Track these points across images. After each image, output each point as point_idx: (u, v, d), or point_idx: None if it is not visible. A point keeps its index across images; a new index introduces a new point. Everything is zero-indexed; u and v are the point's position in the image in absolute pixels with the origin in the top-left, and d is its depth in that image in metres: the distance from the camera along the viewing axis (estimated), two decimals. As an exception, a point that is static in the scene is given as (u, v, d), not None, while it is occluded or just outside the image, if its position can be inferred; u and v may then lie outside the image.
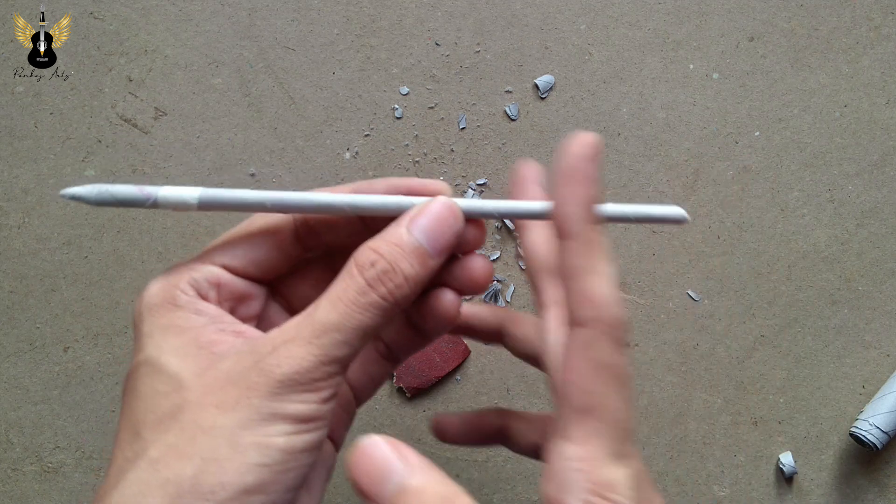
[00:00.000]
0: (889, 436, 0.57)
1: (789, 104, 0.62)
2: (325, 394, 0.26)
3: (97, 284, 0.59)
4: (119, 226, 0.60)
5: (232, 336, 0.27)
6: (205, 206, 0.28)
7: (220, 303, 0.30)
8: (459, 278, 0.31)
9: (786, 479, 0.60)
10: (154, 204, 0.28)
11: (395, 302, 0.27)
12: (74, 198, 0.28)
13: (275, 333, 0.27)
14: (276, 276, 0.32)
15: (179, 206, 0.28)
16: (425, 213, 0.28)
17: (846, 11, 0.62)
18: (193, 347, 0.27)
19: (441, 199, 0.29)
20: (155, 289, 0.29)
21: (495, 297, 0.60)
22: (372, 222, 0.31)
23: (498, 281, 0.60)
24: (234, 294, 0.30)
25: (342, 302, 0.26)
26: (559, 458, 0.24)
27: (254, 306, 0.32)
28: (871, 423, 0.57)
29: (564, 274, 0.26)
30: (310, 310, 0.27)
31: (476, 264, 0.31)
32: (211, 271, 0.30)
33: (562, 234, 0.26)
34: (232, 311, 0.30)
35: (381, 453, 0.24)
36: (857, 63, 0.62)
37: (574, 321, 0.25)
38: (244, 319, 0.30)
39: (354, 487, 0.24)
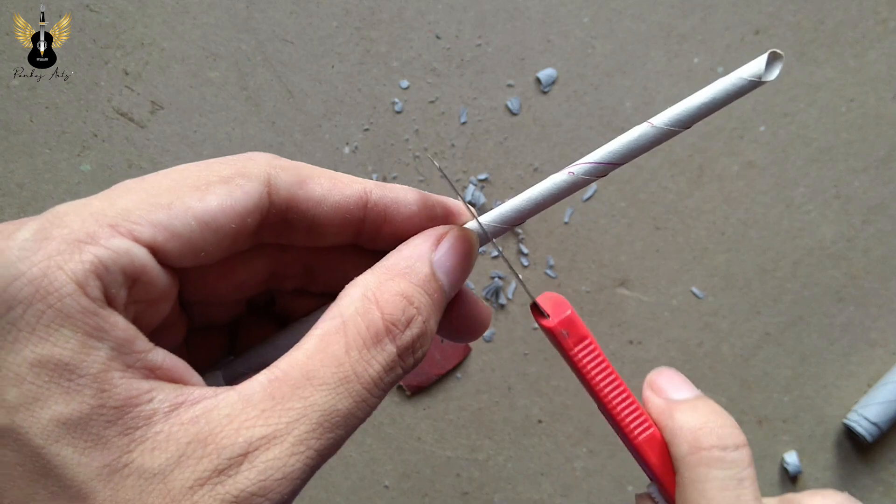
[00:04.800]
0: (879, 427, 0.57)
1: (795, 99, 0.61)
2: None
3: (93, 281, 0.59)
4: (115, 221, 0.59)
5: (142, 378, 0.18)
6: None
7: (126, 308, 0.19)
8: (462, 318, 0.26)
9: (790, 478, 0.60)
10: None
11: (405, 374, 0.21)
12: None
13: (242, 417, 0.18)
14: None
15: None
16: (451, 251, 0.23)
17: (853, 5, 0.61)
18: (100, 423, 0.17)
19: (465, 230, 0.24)
20: (26, 269, 0.16)
21: (496, 293, 0.59)
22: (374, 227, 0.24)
23: (499, 278, 0.59)
24: (148, 295, 0.19)
25: (362, 383, 0.19)
26: None
27: (162, 311, 0.21)
28: (859, 414, 0.58)
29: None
30: (299, 382, 0.18)
31: (482, 308, 0.26)
32: (134, 255, 0.18)
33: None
34: (134, 320, 0.19)
35: (680, 376, 0.27)
36: (864, 57, 0.61)
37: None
38: (150, 333, 0.19)
39: (651, 382, 0.28)
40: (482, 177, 0.59)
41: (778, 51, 0.22)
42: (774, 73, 0.22)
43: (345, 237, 0.24)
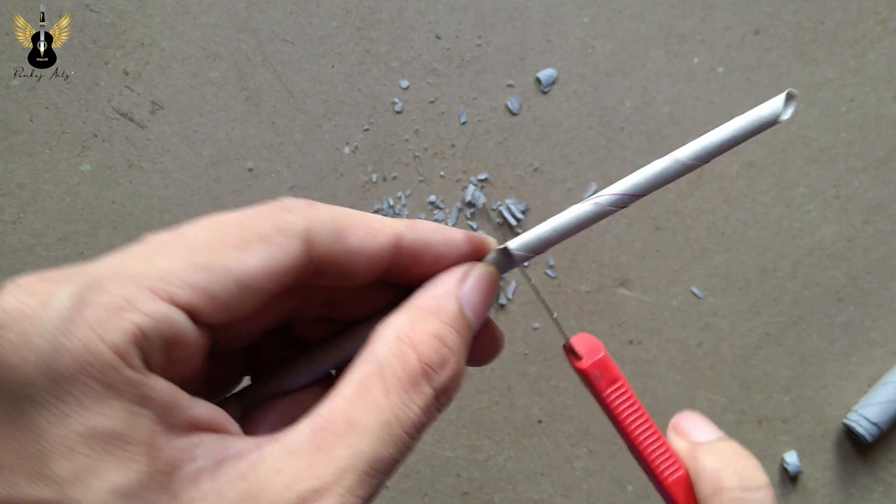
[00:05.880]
0: (879, 427, 0.57)
1: (795, 99, 0.61)
2: None
3: (93, 281, 0.59)
4: (115, 221, 0.59)
5: (182, 435, 0.18)
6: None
7: (162, 370, 0.18)
8: (479, 342, 0.26)
9: (790, 478, 0.60)
10: None
11: (439, 415, 0.22)
12: None
13: (290, 470, 0.18)
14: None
15: None
16: (476, 288, 0.23)
17: (853, 5, 0.61)
18: (153, 490, 0.16)
19: (488, 266, 0.24)
20: (67, 343, 0.16)
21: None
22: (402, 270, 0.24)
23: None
24: (183, 354, 0.19)
25: (403, 427, 0.19)
26: None
27: (193, 364, 0.20)
28: (859, 414, 0.58)
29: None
30: (343, 431, 0.18)
31: (497, 332, 0.27)
32: (174, 320, 0.18)
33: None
34: (169, 376, 0.19)
35: (704, 419, 0.26)
36: (864, 57, 0.61)
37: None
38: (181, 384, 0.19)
39: (675, 425, 0.27)
40: (482, 177, 0.59)
41: (794, 90, 0.23)
42: (790, 111, 0.23)
43: (372, 279, 0.24)
